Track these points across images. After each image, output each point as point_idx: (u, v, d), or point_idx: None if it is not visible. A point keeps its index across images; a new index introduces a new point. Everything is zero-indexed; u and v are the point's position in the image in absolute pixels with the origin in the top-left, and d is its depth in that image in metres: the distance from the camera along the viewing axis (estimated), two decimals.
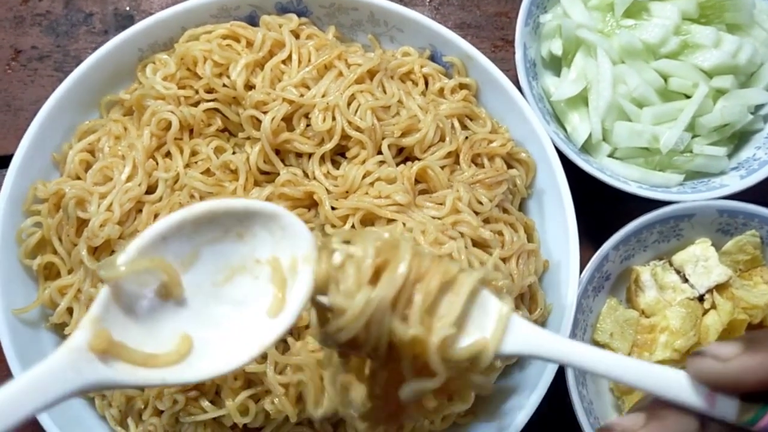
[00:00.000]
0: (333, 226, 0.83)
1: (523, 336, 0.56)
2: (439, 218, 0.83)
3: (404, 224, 0.82)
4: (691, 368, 0.51)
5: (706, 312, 0.97)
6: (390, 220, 0.82)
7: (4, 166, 0.91)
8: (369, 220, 0.83)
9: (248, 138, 0.90)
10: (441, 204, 0.85)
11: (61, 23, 1.10)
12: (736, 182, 0.98)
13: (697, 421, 0.51)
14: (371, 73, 0.91)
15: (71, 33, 1.09)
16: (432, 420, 0.84)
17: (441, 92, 0.96)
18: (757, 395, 0.49)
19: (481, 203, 0.86)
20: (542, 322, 0.89)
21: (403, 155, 0.90)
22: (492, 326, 0.55)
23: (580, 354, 0.56)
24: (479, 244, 0.84)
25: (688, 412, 0.52)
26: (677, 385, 0.52)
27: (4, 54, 1.08)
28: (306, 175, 0.88)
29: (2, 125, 1.05)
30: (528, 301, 0.88)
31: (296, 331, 0.81)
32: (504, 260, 0.85)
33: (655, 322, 0.96)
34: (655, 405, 0.54)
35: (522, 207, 0.96)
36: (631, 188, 0.96)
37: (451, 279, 0.55)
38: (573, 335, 0.90)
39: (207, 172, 0.88)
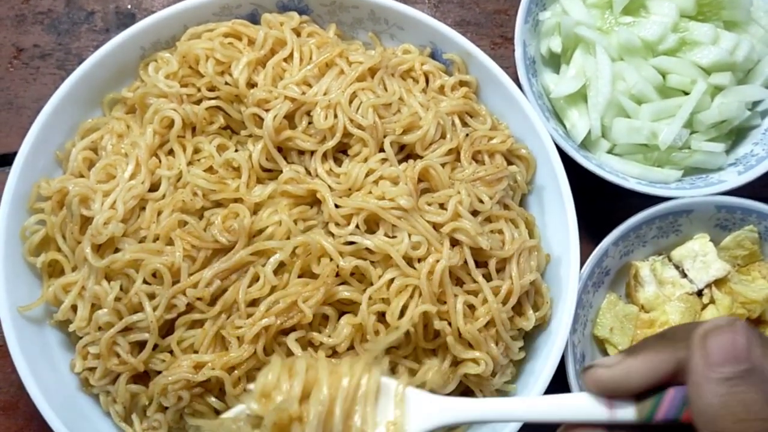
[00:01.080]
0: (336, 224, 0.83)
1: (425, 411, 0.64)
2: (440, 224, 0.83)
3: (409, 236, 0.83)
4: (585, 380, 0.59)
5: (704, 307, 0.98)
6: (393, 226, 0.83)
7: (7, 164, 0.91)
8: (373, 220, 0.84)
9: (250, 136, 0.90)
10: (443, 207, 0.85)
11: (62, 21, 1.10)
12: (734, 178, 0.99)
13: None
14: (372, 71, 0.92)
15: (73, 31, 1.10)
16: None
17: (441, 89, 0.96)
18: (648, 393, 0.57)
19: (482, 202, 0.86)
20: (548, 318, 0.90)
21: (405, 152, 0.90)
22: (392, 411, 0.65)
23: (483, 408, 0.64)
24: (477, 251, 0.85)
25: (595, 426, 0.59)
26: (579, 406, 0.59)
27: (6, 52, 1.08)
28: (308, 172, 0.88)
29: (5, 123, 1.06)
30: (533, 297, 0.89)
31: None
32: (504, 260, 0.86)
33: (655, 317, 0.97)
34: (570, 427, 0.61)
35: (522, 203, 0.97)
36: (630, 184, 0.97)
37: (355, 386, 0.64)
38: (573, 330, 0.91)
39: (210, 169, 0.88)
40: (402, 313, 0.81)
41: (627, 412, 0.58)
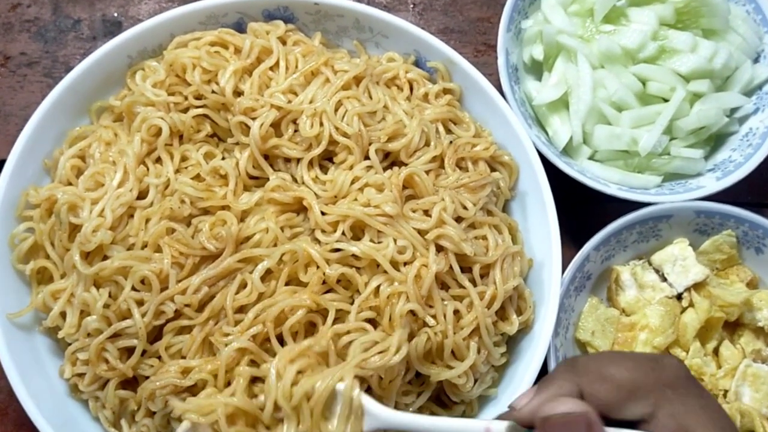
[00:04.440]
0: (323, 231, 0.84)
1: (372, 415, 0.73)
2: (425, 230, 0.85)
3: (395, 241, 0.84)
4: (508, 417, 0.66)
5: (684, 310, 0.99)
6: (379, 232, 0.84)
7: None
8: (358, 227, 0.85)
9: (237, 143, 0.91)
10: (427, 214, 0.86)
11: (49, 29, 1.11)
12: (713, 183, 1.00)
13: None
14: (357, 79, 0.93)
15: (60, 39, 1.10)
16: None
17: (425, 97, 0.98)
18: None
19: (466, 208, 0.88)
20: (531, 322, 0.91)
21: (390, 160, 0.91)
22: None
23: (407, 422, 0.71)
24: (462, 257, 0.86)
25: None
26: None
27: None
28: (294, 179, 0.89)
29: None
30: (516, 302, 0.90)
31: None
32: (488, 266, 0.88)
33: (635, 321, 0.98)
34: None
35: (505, 208, 0.98)
36: (611, 190, 0.98)
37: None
38: (556, 334, 0.92)
39: (197, 177, 0.89)
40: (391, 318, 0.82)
41: None
